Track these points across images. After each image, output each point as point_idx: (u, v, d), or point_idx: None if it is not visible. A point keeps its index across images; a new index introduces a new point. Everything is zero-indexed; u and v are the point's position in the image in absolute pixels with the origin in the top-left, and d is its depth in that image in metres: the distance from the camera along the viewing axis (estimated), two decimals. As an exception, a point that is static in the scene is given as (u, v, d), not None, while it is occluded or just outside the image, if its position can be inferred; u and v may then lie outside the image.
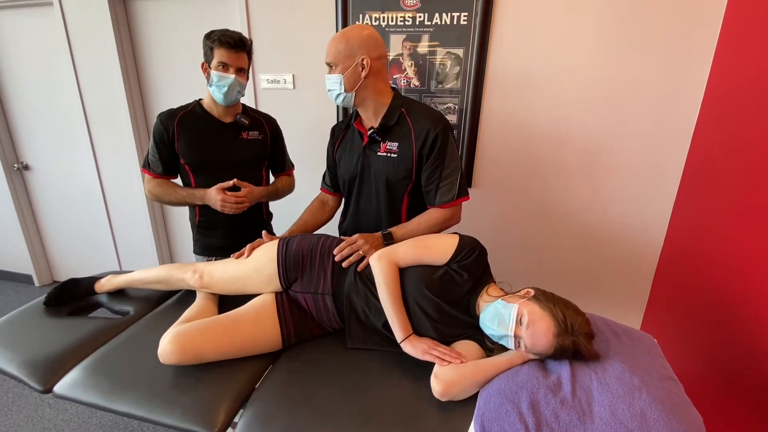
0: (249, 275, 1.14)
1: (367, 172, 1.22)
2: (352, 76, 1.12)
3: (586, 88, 1.58)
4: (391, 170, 1.17)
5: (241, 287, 1.15)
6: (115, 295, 1.33)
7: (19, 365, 1.00)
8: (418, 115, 1.16)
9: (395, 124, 1.16)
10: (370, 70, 1.11)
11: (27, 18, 2.29)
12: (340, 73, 1.12)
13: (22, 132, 2.61)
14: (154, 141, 1.35)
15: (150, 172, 1.38)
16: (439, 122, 1.13)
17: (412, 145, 1.14)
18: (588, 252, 1.79)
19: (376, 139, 1.18)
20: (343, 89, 1.13)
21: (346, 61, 1.10)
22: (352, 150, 1.26)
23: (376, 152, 1.19)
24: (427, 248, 1.02)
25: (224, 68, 1.27)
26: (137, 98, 2.28)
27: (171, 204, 1.42)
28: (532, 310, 0.89)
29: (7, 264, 2.98)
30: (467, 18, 1.62)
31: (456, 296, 0.99)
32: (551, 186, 1.75)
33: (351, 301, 1.07)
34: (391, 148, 1.16)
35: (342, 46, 1.10)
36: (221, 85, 1.29)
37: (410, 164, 1.15)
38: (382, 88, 1.17)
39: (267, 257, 1.13)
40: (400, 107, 1.17)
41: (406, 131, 1.15)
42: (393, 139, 1.17)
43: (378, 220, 1.25)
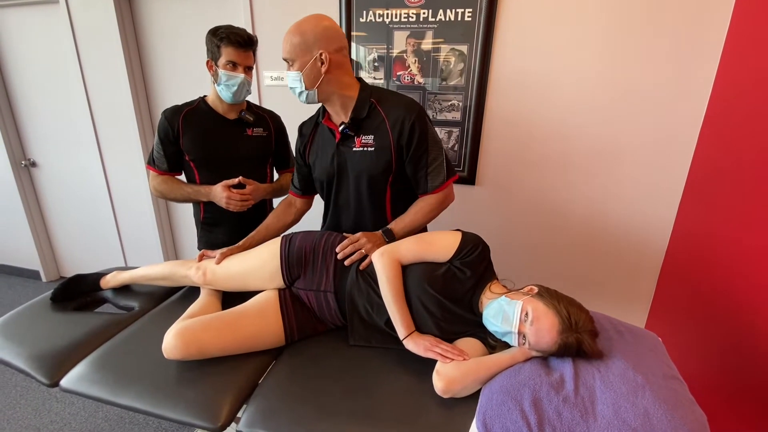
0: (252, 272, 1.14)
1: (345, 170, 1.17)
2: (311, 72, 1.05)
3: (591, 85, 1.57)
4: (370, 164, 1.12)
5: (244, 284, 1.16)
6: (120, 290, 1.34)
7: (26, 359, 1.02)
8: (390, 104, 1.11)
9: (367, 117, 1.11)
10: (330, 64, 1.03)
11: (33, 16, 2.30)
12: (299, 69, 1.04)
13: (29, 129, 2.63)
14: (159, 138, 1.35)
15: (155, 168, 1.39)
16: (412, 109, 1.09)
17: (389, 135, 1.09)
18: (592, 250, 1.78)
19: (348, 134, 1.12)
20: (304, 86, 1.07)
21: (304, 56, 1.03)
22: (324, 149, 1.19)
23: (352, 148, 1.13)
24: (429, 245, 1.02)
25: (233, 67, 1.27)
26: (142, 95, 2.29)
27: (176, 200, 1.43)
28: (536, 306, 0.88)
29: (15, 259, 3.02)
30: (471, 14, 1.61)
31: (458, 293, 0.98)
32: (555, 184, 1.74)
33: (353, 298, 1.07)
34: (367, 141, 1.11)
35: (297, 40, 1.02)
36: (230, 85, 1.28)
37: (389, 156, 1.10)
38: (347, 81, 1.10)
39: (270, 254, 1.14)
40: (369, 98, 1.11)
41: (380, 122, 1.10)
42: (367, 132, 1.11)
43: (361, 216, 1.21)
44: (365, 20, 1.74)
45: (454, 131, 1.78)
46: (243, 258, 1.18)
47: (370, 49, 1.77)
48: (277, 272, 1.11)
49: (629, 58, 1.49)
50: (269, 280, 1.13)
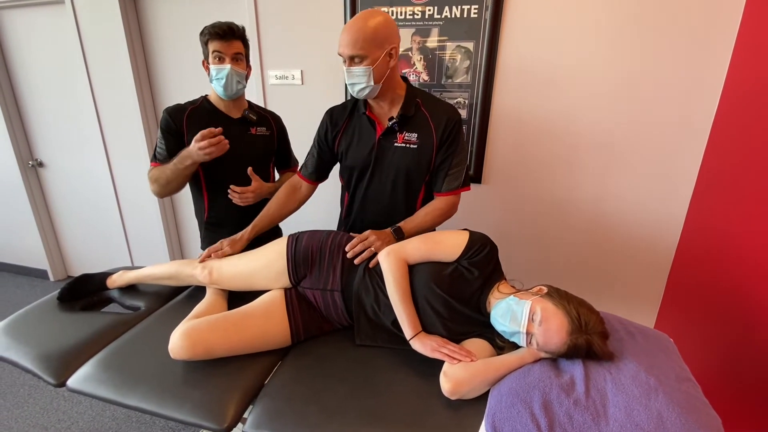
0: (258, 271, 1.14)
1: (381, 163, 1.20)
2: (381, 66, 1.07)
3: (599, 82, 1.54)
4: (411, 161, 1.17)
5: (250, 283, 1.15)
6: (126, 290, 1.34)
7: (33, 359, 1.02)
8: (434, 106, 1.18)
9: (413, 115, 1.16)
10: (395, 58, 1.09)
11: (39, 17, 2.31)
12: (369, 65, 1.05)
13: (36, 129, 2.65)
14: (163, 134, 1.34)
15: (158, 164, 1.35)
16: (455, 112, 1.18)
17: (433, 135, 1.15)
18: (601, 249, 1.76)
19: (393, 129, 1.17)
20: (372, 81, 1.08)
21: (376, 51, 1.05)
22: (361, 140, 1.22)
23: (393, 143, 1.17)
24: (436, 244, 1.01)
25: (220, 59, 1.26)
26: (147, 95, 2.29)
27: (168, 181, 1.30)
28: (545, 307, 0.87)
29: (23, 259, 3.04)
30: (477, 11, 1.59)
31: (466, 293, 0.97)
32: (563, 182, 1.71)
33: (360, 297, 1.06)
34: (410, 138, 1.16)
35: (370, 36, 1.03)
36: (220, 78, 1.27)
37: (431, 154, 1.16)
38: (398, 78, 1.17)
39: (276, 253, 1.13)
40: (416, 97, 1.18)
41: (424, 121, 1.16)
42: (411, 129, 1.16)
43: (391, 210, 1.23)
44: (372, 9, 1.72)
45: (460, 129, 1.76)
46: (249, 257, 1.17)
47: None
48: (284, 271, 1.11)
49: (639, 52, 1.47)
50: (275, 280, 1.12)
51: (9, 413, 1.76)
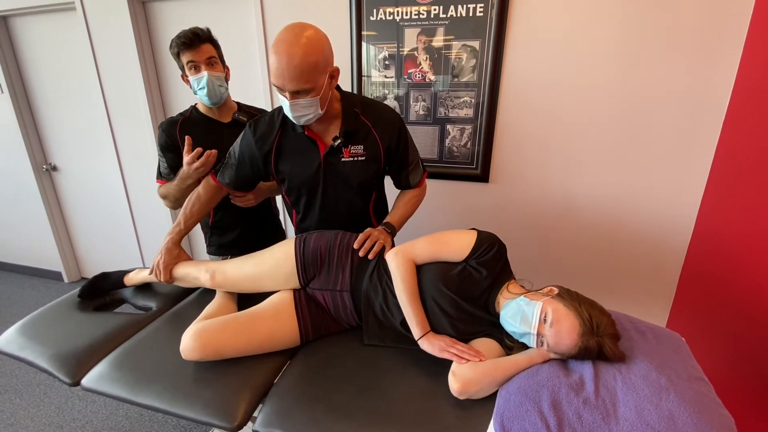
0: (266, 273, 1.14)
1: (332, 179, 1.15)
2: (326, 92, 1.00)
3: (608, 79, 1.53)
4: (361, 173, 1.15)
5: (258, 285, 1.16)
6: (138, 291, 1.36)
7: (49, 359, 1.04)
8: (374, 114, 1.14)
9: (355, 127, 1.11)
10: (336, 76, 1.02)
11: (51, 23, 2.36)
12: (315, 95, 0.97)
13: (50, 134, 2.71)
14: (162, 151, 1.35)
15: (163, 181, 1.38)
16: (395, 116, 1.18)
17: (379, 146, 1.15)
18: (611, 248, 1.74)
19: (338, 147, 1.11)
20: (319, 109, 1.01)
21: (319, 79, 0.95)
22: (304, 159, 1.14)
23: (340, 158, 1.12)
24: (444, 244, 1.01)
25: (195, 69, 1.25)
26: (157, 100, 2.33)
27: (176, 198, 1.35)
28: (556, 308, 0.86)
29: (38, 261, 3.11)
30: (483, 9, 1.59)
31: (474, 293, 0.97)
32: (572, 181, 1.70)
33: (369, 298, 1.06)
34: (356, 151, 1.12)
35: (313, 67, 0.93)
36: (201, 87, 1.27)
37: (379, 164, 1.18)
38: (335, 94, 1.10)
39: (284, 254, 1.13)
40: (353, 108, 1.11)
41: (367, 132, 1.13)
42: (356, 141, 1.12)
43: (349, 217, 1.23)
44: (375, 18, 1.73)
45: (466, 128, 1.76)
46: (255, 260, 1.17)
47: (380, 48, 1.76)
48: (293, 273, 1.11)
49: (648, 49, 1.45)
50: (284, 282, 1.12)
51: (25, 412, 1.80)
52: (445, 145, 1.81)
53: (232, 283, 1.18)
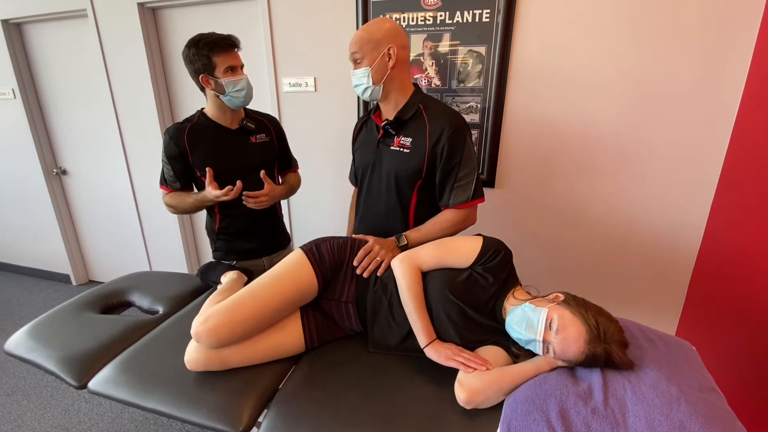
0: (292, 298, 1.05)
1: (378, 166, 1.21)
2: (379, 67, 1.10)
3: (615, 84, 1.52)
4: (401, 165, 1.15)
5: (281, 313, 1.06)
6: (145, 294, 1.37)
7: (56, 361, 1.05)
8: (436, 113, 1.13)
9: (410, 119, 1.14)
10: (396, 59, 1.10)
11: (63, 30, 2.41)
12: (368, 65, 1.10)
13: (61, 138, 2.75)
14: (167, 157, 1.34)
15: (168, 188, 1.38)
16: (456, 120, 1.11)
17: (426, 141, 1.11)
18: (619, 255, 1.72)
19: (390, 132, 1.17)
20: (371, 82, 1.11)
21: (373, 52, 1.09)
22: (368, 141, 1.27)
23: (389, 146, 1.17)
24: (450, 250, 1.00)
25: (233, 72, 1.27)
26: (165, 104, 2.35)
27: (186, 212, 1.40)
28: (562, 314, 0.85)
29: (47, 264, 3.14)
30: (489, 15, 1.59)
31: (481, 300, 0.96)
32: (579, 186, 1.69)
33: (374, 307, 1.06)
34: (404, 143, 1.14)
35: (366, 37, 1.09)
36: (239, 89, 1.28)
37: (422, 161, 1.12)
38: (405, 81, 1.16)
39: (305, 272, 1.06)
40: (418, 103, 1.15)
41: (422, 127, 1.13)
42: (407, 134, 1.15)
43: (386, 215, 1.23)
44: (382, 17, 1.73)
45: (473, 133, 1.76)
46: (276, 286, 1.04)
47: (387, 53, 1.76)
48: (314, 293, 1.08)
49: (656, 54, 1.44)
50: (305, 301, 1.09)
51: (32, 414, 1.81)
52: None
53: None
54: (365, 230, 1.30)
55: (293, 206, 2.20)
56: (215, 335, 0.93)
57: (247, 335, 0.97)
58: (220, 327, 0.93)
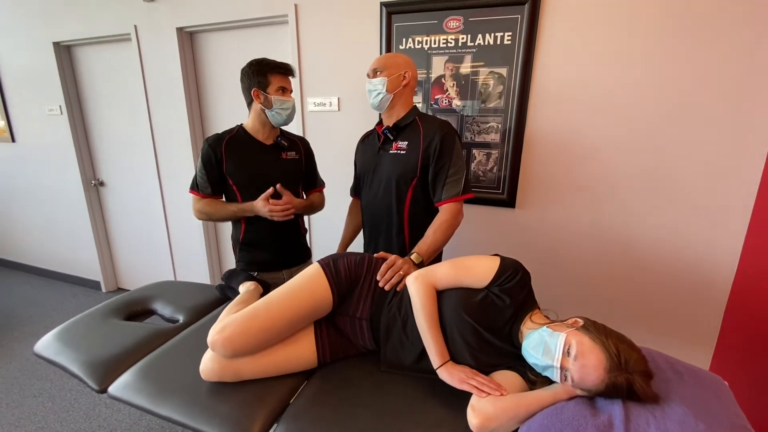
0: (306, 313, 1.05)
1: (378, 170, 1.38)
2: (395, 81, 1.31)
3: (640, 104, 1.49)
4: (398, 166, 1.32)
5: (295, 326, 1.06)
6: (168, 303, 1.41)
7: (81, 365, 1.09)
8: (429, 121, 1.33)
9: (407, 126, 1.33)
10: (408, 82, 1.32)
11: (108, 52, 2.60)
12: (386, 76, 1.30)
13: (100, 152, 2.92)
14: (203, 164, 1.43)
15: (198, 193, 1.46)
16: (446, 126, 1.31)
17: (420, 143, 1.29)
18: (646, 281, 1.65)
19: (389, 138, 1.35)
20: (385, 89, 1.30)
21: (392, 68, 1.31)
22: (369, 149, 1.46)
23: (388, 151, 1.35)
24: (466, 269, 0.99)
25: (284, 93, 1.40)
26: (198, 124, 2.47)
27: (220, 220, 1.51)
28: (581, 340, 0.82)
29: (80, 270, 3.29)
30: (511, 37, 1.61)
31: (497, 322, 0.94)
32: (603, 209, 1.65)
33: (388, 326, 1.05)
34: (401, 146, 1.32)
35: (391, 59, 1.33)
36: (285, 108, 1.41)
37: (416, 161, 1.29)
38: (409, 101, 1.37)
39: (321, 285, 1.07)
40: (415, 115, 1.35)
41: (416, 133, 1.31)
42: (404, 138, 1.33)
43: (384, 212, 1.38)
44: (404, 47, 1.78)
45: (492, 153, 1.76)
46: (292, 297, 1.06)
47: (409, 75, 1.80)
48: (329, 308, 1.09)
49: (683, 75, 1.41)
50: (319, 315, 1.10)
51: (56, 416, 1.87)
52: (471, 170, 1.81)
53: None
54: (368, 229, 1.50)
55: (315, 222, 2.23)
56: (230, 344, 0.95)
57: (261, 346, 0.99)
58: (235, 336, 0.95)
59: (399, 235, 1.37)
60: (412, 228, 1.36)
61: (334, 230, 2.16)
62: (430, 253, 1.21)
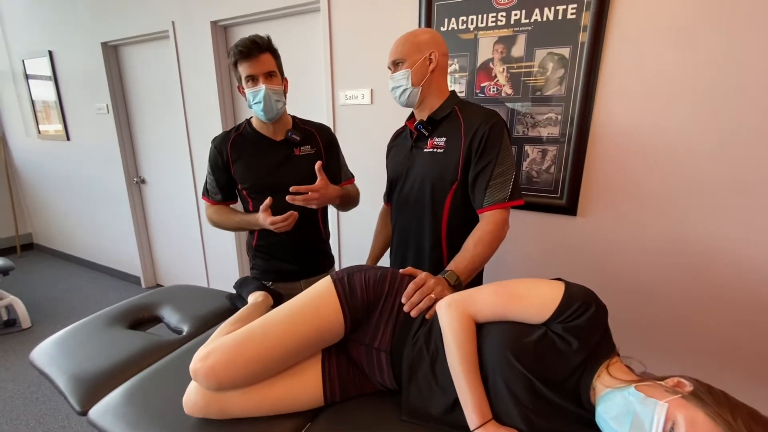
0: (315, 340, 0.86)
1: (411, 171, 1.16)
2: (420, 70, 1.09)
3: (745, 92, 1.15)
4: (435, 166, 1.09)
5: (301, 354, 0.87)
6: (176, 311, 1.29)
7: (68, 379, 0.98)
8: (471, 111, 1.09)
9: (444, 119, 1.10)
10: (437, 64, 1.08)
11: (148, 50, 2.61)
12: (408, 68, 1.09)
13: (142, 149, 2.97)
14: (210, 167, 1.29)
15: (209, 199, 1.33)
16: (492, 116, 1.06)
17: (461, 139, 1.05)
18: (741, 313, 1.29)
19: (423, 134, 1.12)
20: (410, 83, 1.09)
21: (414, 55, 1.08)
22: (400, 149, 1.24)
23: (423, 149, 1.13)
24: (517, 298, 0.74)
25: (252, 81, 1.17)
26: (231, 120, 2.41)
27: (230, 230, 1.37)
28: (692, 416, 0.55)
29: (122, 265, 3.38)
30: (576, 10, 1.33)
31: (559, 373, 0.69)
32: (686, 221, 1.31)
33: (413, 365, 0.83)
34: (438, 143, 1.10)
35: (409, 43, 1.09)
36: (258, 101, 1.18)
37: (457, 161, 1.06)
38: (443, 87, 1.14)
39: (332, 309, 0.87)
40: (454, 105, 1.12)
41: (456, 126, 1.08)
42: (441, 134, 1.10)
43: (417, 225, 1.16)
44: (446, 28, 1.56)
45: (550, 150, 1.48)
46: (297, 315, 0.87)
47: (451, 61, 1.57)
48: (340, 333, 0.89)
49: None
50: (331, 339, 0.90)
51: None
52: (522, 169, 1.54)
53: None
54: (396, 241, 1.27)
55: (343, 225, 2.06)
56: (214, 376, 0.77)
57: (252, 379, 0.80)
58: (221, 367, 0.77)
59: (434, 249, 1.13)
60: (451, 241, 1.11)
61: (363, 238, 1.98)
62: (470, 271, 0.97)
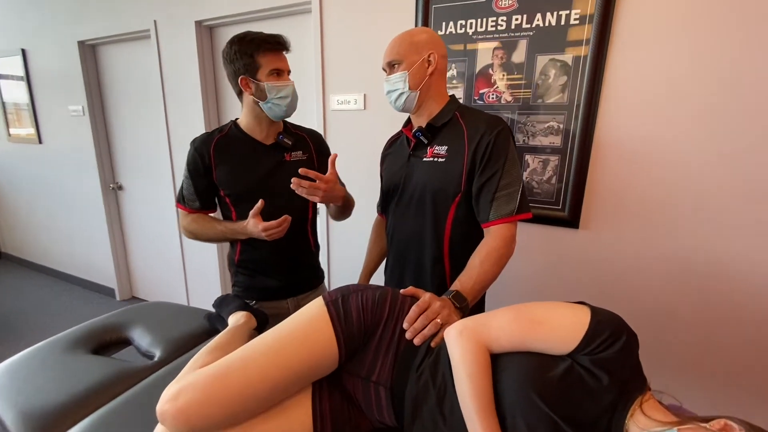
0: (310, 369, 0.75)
1: (410, 181, 1.06)
2: (418, 72, 1.00)
3: (750, 104, 1.12)
4: (436, 178, 1.01)
5: None
6: (147, 332, 1.16)
7: (16, 416, 0.84)
8: (473, 117, 1.02)
9: (445, 125, 1.03)
10: (436, 67, 1.00)
11: (128, 50, 2.48)
12: (405, 70, 1.00)
13: (120, 154, 2.82)
14: (188, 171, 1.17)
15: (185, 207, 1.20)
16: (498, 123, 0.98)
17: (464, 147, 0.98)
18: (754, 330, 1.24)
19: (422, 142, 1.04)
20: (407, 87, 1.01)
21: (412, 56, 1.00)
22: (397, 158, 1.15)
23: (422, 158, 1.04)
24: (536, 325, 0.65)
25: (278, 75, 1.10)
26: (214, 124, 2.29)
27: (210, 241, 1.23)
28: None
29: (96, 276, 3.19)
30: (579, 16, 1.28)
31: (588, 414, 0.60)
32: (696, 236, 1.26)
33: (416, 398, 0.73)
34: (439, 152, 1.01)
35: (406, 43, 1.01)
36: (282, 96, 1.10)
37: (460, 170, 0.98)
38: (441, 91, 1.06)
39: (324, 337, 0.76)
40: (455, 110, 1.04)
41: (459, 133, 1.00)
42: (442, 142, 1.02)
43: (417, 240, 1.07)
44: (444, 33, 1.50)
45: (551, 160, 1.42)
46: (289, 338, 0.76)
47: (449, 65, 1.50)
48: (334, 363, 0.78)
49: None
50: (323, 371, 0.78)
51: None
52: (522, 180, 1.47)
53: None
54: (393, 258, 1.17)
55: (333, 236, 1.96)
56: (184, 418, 0.65)
57: (232, 420, 0.68)
58: (193, 408, 0.65)
59: (436, 266, 1.05)
60: (454, 258, 1.03)
61: (355, 250, 1.88)
62: (476, 291, 0.89)
